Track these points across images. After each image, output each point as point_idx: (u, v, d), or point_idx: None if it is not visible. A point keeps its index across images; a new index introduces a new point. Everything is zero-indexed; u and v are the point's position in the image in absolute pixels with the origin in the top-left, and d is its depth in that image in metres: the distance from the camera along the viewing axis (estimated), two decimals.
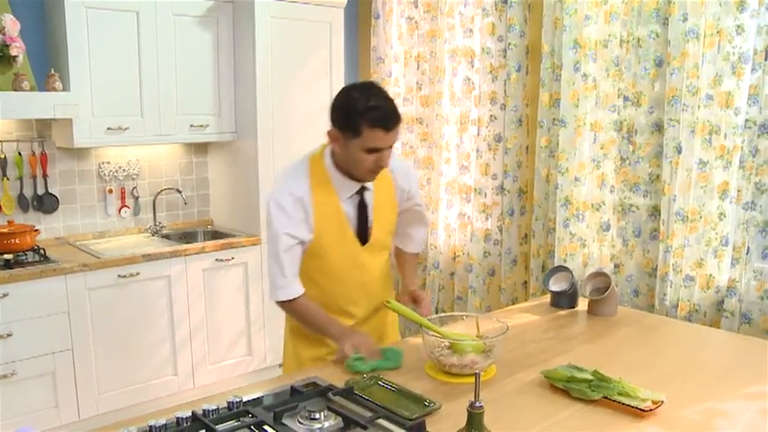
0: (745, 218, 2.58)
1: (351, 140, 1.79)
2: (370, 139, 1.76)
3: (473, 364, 1.60)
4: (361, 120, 1.75)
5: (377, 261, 2.05)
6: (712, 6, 2.63)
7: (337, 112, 1.83)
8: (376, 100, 1.77)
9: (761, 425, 1.40)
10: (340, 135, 1.82)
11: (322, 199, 1.90)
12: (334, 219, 1.92)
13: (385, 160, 1.84)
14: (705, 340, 2.06)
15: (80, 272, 3.24)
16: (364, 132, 1.76)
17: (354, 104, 1.77)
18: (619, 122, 2.99)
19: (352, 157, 1.83)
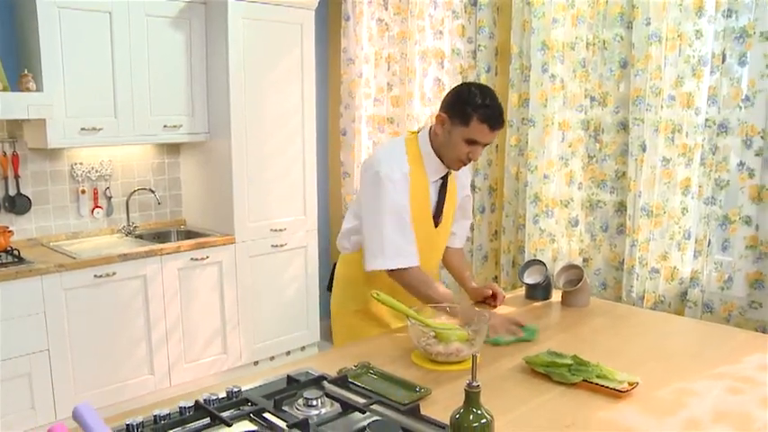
0: (707, 212, 2.72)
1: (457, 127, 1.99)
2: (475, 131, 1.96)
3: (458, 353, 1.68)
4: (474, 112, 1.95)
5: (442, 244, 2.27)
6: (673, 11, 2.76)
7: (455, 99, 2.02)
8: (491, 101, 1.97)
9: (727, 401, 1.51)
10: (448, 120, 2.01)
11: (417, 178, 2.07)
12: (422, 198, 2.09)
13: (477, 155, 2.04)
14: (672, 327, 2.18)
15: (56, 272, 3.23)
16: (472, 124, 1.96)
17: (473, 98, 1.96)
18: (586, 122, 3.12)
19: (451, 142, 2.02)
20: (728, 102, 2.65)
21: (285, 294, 4.20)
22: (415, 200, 2.07)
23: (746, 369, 1.71)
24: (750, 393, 1.56)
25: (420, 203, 2.09)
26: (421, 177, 2.08)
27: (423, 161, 2.09)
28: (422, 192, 2.09)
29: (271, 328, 4.15)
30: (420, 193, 2.08)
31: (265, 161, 3.96)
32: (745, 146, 2.64)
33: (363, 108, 4.20)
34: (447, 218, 2.22)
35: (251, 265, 3.99)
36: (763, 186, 2.62)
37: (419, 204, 2.09)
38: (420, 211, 2.10)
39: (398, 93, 4.00)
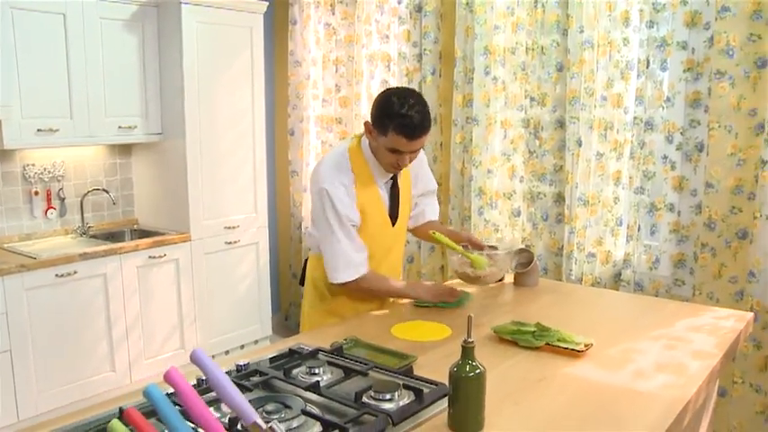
0: (636, 201, 3.05)
1: (378, 137, 2.04)
2: (394, 141, 1.99)
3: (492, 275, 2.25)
4: (391, 123, 1.97)
5: (401, 240, 2.37)
6: (603, 21, 3.07)
7: (375, 109, 2.04)
8: (408, 110, 1.96)
9: (665, 355, 1.79)
10: (373, 129, 2.05)
11: (364, 187, 2.13)
12: (375, 202, 2.17)
13: (405, 162, 2.08)
14: (611, 301, 2.47)
15: (17, 272, 3.26)
16: (390, 135, 1.99)
17: (390, 108, 1.98)
18: (526, 120, 3.40)
19: (379, 151, 2.08)
20: (653, 102, 2.99)
21: (238, 290, 4.32)
22: (368, 205, 2.14)
23: (678, 331, 2.00)
24: (682, 349, 1.84)
25: (373, 208, 2.16)
26: (369, 183, 2.14)
27: (368, 166, 2.15)
28: (373, 196, 2.15)
29: (225, 323, 4.27)
30: (371, 197, 2.15)
31: (218, 161, 4.08)
32: (668, 141, 2.98)
33: (311, 108, 4.37)
34: (403, 215, 2.30)
35: (206, 262, 4.10)
36: (683, 177, 2.97)
37: (373, 209, 2.16)
38: (375, 214, 2.17)
39: (346, 94, 4.19)
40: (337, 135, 4.27)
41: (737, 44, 2.73)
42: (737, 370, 2.83)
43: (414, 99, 2.00)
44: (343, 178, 2.10)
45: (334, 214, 2.08)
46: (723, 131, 2.80)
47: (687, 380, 1.63)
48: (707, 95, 2.85)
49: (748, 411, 2.83)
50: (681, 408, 1.49)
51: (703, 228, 2.88)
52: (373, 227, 2.17)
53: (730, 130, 2.79)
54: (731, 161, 2.80)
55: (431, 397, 1.45)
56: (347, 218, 2.09)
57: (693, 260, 2.95)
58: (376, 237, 2.20)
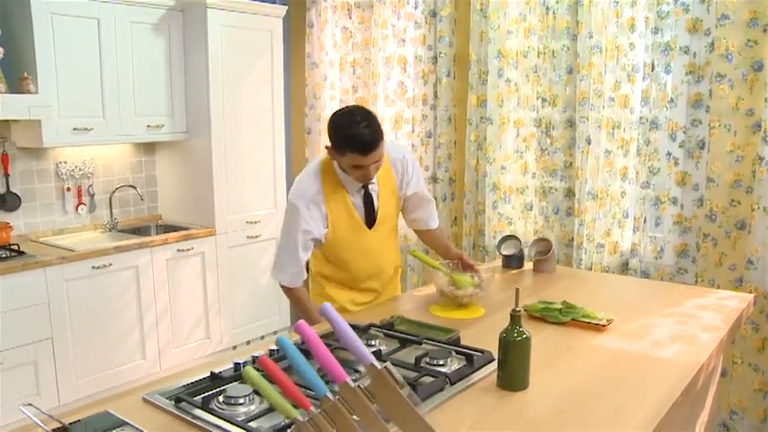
0: (642, 195, 3.27)
1: (339, 158, 2.16)
2: (352, 159, 2.10)
3: (473, 294, 2.20)
4: (345, 145, 2.08)
5: (385, 242, 2.43)
6: (611, 27, 3.29)
7: (330, 130, 2.16)
8: (357, 128, 2.05)
9: (678, 329, 2.01)
10: (332, 150, 2.17)
11: (333, 195, 2.26)
12: (344, 210, 2.29)
13: (369, 175, 2.16)
14: (624, 285, 2.70)
15: (58, 264, 3.44)
16: (347, 155, 2.10)
17: (339, 131, 2.10)
18: (538, 120, 3.62)
19: (342, 168, 2.21)
20: (657, 103, 3.21)
21: (259, 282, 4.51)
22: (339, 213, 2.27)
23: (687, 309, 2.22)
24: (693, 324, 2.06)
25: (344, 215, 2.29)
26: (338, 192, 2.27)
27: (339, 178, 2.26)
28: (343, 205, 2.28)
29: (247, 315, 4.46)
30: (341, 206, 2.28)
31: (241, 158, 4.27)
32: (671, 139, 3.20)
33: (328, 108, 4.58)
34: (386, 218, 2.39)
35: (230, 256, 4.29)
36: (685, 172, 3.19)
37: (343, 215, 2.29)
38: (346, 221, 2.30)
39: (363, 95, 4.39)
40: None
41: (736, 49, 2.95)
42: (737, 351, 3.06)
43: (360, 116, 2.10)
44: (311, 192, 2.23)
45: (288, 224, 2.25)
46: (723, 130, 3.02)
47: (699, 348, 1.85)
48: (708, 96, 3.08)
49: (747, 389, 3.05)
50: (695, 371, 1.70)
51: (705, 219, 3.10)
52: (346, 232, 2.31)
53: (729, 128, 3.01)
54: (730, 157, 3.02)
55: (480, 362, 1.66)
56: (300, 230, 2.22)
57: (696, 250, 3.17)
58: (351, 241, 2.33)
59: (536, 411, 1.48)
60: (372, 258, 2.43)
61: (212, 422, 1.38)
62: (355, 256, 2.38)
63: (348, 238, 2.33)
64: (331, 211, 2.27)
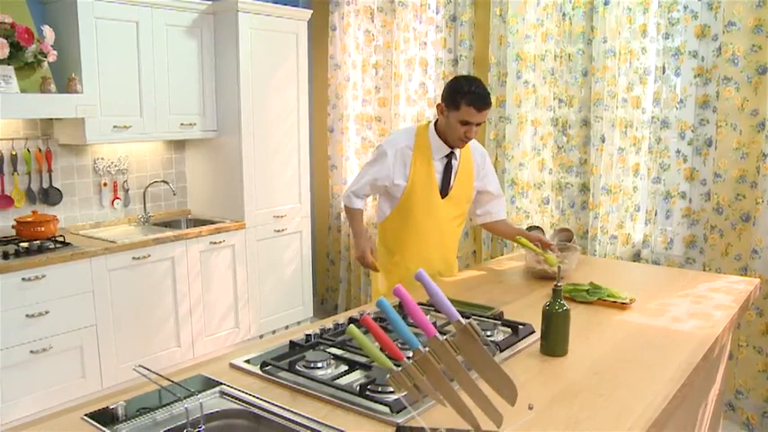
0: (653, 189, 3.49)
1: (451, 112, 2.45)
2: (465, 113, 2.41)
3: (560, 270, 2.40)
4: (462, 99, 2.40)
5: (450, 216, 2.68)
6: (624, 32, 3.51)
7: (447, 90, 2.48)
8: (476, 88, 2.42)
9: (694, 307, 2.23)
10: (445, 108, 2.48)
11: (420, 154, 2.58)
12: (425, 169, 2.58)
13: (471, 134, 2.48)
14: (641, 270, 2.92)
15: (102, 255, 3.65)
16: (462, 108, 2.41)
17: (461, 87, 2.43)
18: (554, 119, 3.84)
19: (449, 125, 2.49)
20: (667, 103, 3.43)
21: (284, 274, 4.73)
22: (420, 172, 2.58)
23: (700, 291, 2.45)
24: (706, 303, 2.28)
25: (424, 176, 2.58)
26: (425, 153, 2.58)
27: (429, 142, 2.59)
28: (426, 167, 2.58)
29: (273, 305, 4.67)
30: (424, 166, 2.58)
31: (268, 155, 4.49)
32: (681, 137, 3.43)
33: (351, 108, 4.79)
34: (459, 194, 2.66)
35: (258, 248, 4.50)
36: (694, 168, 3.41)
37: (423, 175, 2.58)
38: (425, 182, 2.58)
39: (385, 95, 4.61)
40: (377, 132, 4.69)
41: (741, 54, 3.17)
42: (742, 335, 3.28)
43: (477, 81, 2.48)
44: (402, 144, 2.60)
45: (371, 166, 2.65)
46: (729, 129, 3.25)
47: (714, 323, 2.07)
48: (715, 98, 3.30)
49: (752, 370, 3.28)
50: (711, 342, 1.92)
51: (712, 212, 3.33)
52: (422, 190, 2.59)
53: (735, 127, 3.23)
54: (736, 154, 3.25)
55: (523, 332, 1.88)
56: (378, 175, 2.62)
57: (703, 240, 3.39)
58: (424, 200, 2.60)
59: (576, 373, 1.70)
60: (438, 227, 2.68)
61: (299, 382, 1.59)
62: (424, 218, 2.64)
63: (422, 196, 2.61)
64: (414, 165, 2.58)
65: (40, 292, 3.39)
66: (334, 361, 1.70)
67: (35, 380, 3.41)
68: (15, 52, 3.27)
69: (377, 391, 1.49)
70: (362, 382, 1.52)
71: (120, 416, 1.46)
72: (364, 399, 1.47)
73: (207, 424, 1.48)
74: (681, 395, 1.62)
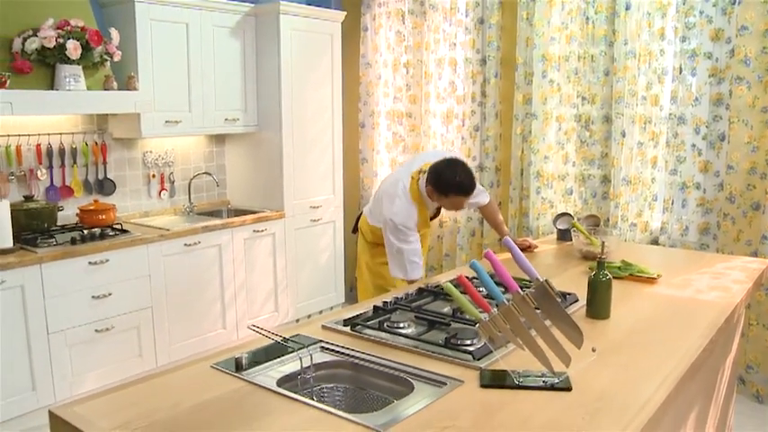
0: (670, 181, 3.78)
1: (441, 198, 2.84)
2: (455, 200, 2.83)
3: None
4: (450, 190, 2.78)
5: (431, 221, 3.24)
6: (644, 35, 3.80)
7: (435, 181, 2.79)
8: (461, 177, 2.75)
9: (713, 282, 2.52)
10: (435, 193, 2.84)
11: (420, 209, 2.97)
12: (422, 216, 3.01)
13: (463, 206, 2.90)
14: (661, 253, 3.21)
15: (158, 241, 3.94)
16: (451, 197, 2.80)
17: (447, 180, 2.76)
18: (578, 115, 4.12)
19: (441, 203, 2.93)
20: (684, 101, 3.71)
21: (319, 262, 5.02)
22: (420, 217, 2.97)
23: (717, 269, 2.74)
24: (724, 279, 2.58)
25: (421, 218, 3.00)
26: (422, 208, 2.99)
27: (425, 203, 2.98)
28: (423, 213, 3.01)
29: (308, 291, 4.97)
30: (422, 214, 3.00)
31: (305, 149, 4.78)
32: (696, 133, 3.71)
33: (382, 104, 5.08)
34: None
35: (296, 237, 4.80)
36: (708, 161, 3.70)
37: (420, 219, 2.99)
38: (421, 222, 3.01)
39: (415, 92, 4.89)
40: (407, 128, 4.97)
41: (753, 55, 3.46)
42: (753, 314, 3.57)
43: (460, 167, 2.78)
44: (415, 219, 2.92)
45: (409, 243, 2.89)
46: (741, 125, 3.53)
47: (732, 294, 2.37)
48: (728, 96, 3.58)
49: (761, 347, 3.57)
50: (731, 310, 2.22)
51: (725, 201, 3.61)
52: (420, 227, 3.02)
53: (747, 123, 3.52)
54: (747, 148, 3.53)
55: (570, 300, 2.18)
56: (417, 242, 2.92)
57: (717, 228, 3.68)
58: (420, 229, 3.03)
59: (618, 333, 1.99)
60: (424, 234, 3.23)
61: (387, 338, 1.89)
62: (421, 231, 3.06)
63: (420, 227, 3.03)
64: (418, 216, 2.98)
65: (105, 275, 3.68)
66: (415, 321, 1.99)
67: (98, 357, 3.70)
68: (85, 53, 3.55)
69: (458, 343, 1.78)
70: (445, 337, 1.81)
71: (244, 364, 1.74)
72: (449, 349, 1.76)
73: (315, 373, 1.77)
74: (708, 349, 1.91)
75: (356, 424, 1.41)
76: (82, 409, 1.51)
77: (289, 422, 1.44)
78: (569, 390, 1.55)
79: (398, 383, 1.65)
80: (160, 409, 1.49)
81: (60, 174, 4.03)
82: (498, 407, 1.48)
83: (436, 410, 1.47)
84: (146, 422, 1.44)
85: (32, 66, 3.44)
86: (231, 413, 1.48)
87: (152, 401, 1.54)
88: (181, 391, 1.59)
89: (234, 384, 1.64)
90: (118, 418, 1.45)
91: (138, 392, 1.60)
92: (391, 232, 2.89)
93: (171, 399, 1.55)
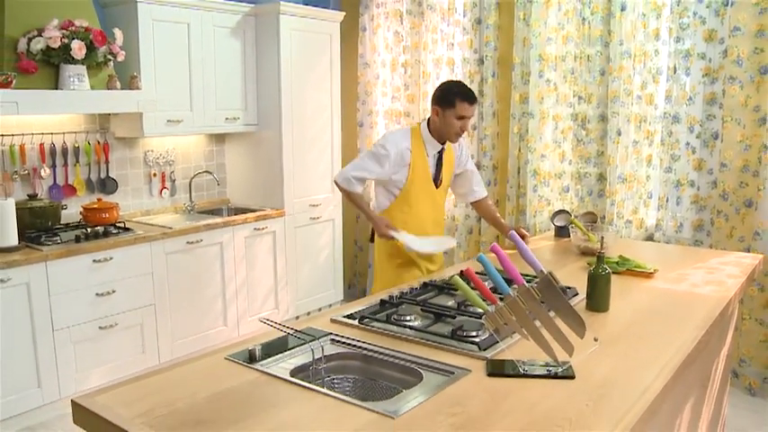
0: (665, 178, 3.86)
1: (447, 110, 2.83)
2: (460, 108, 2.81)
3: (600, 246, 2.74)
4: (455, 96, 2.81)
5: (442, 198, 3.13)
6: (639, 36, 3.87)
7: (440, 93, 2.88)
8: (464, 87, 2.86)
9: (708, 276, 2.59)
10: (439, 108, 2.86)
11: (417, 153, 2.94)
12: (422, 165, 2.95)
13: (466, 126, 2.87)
14: (656, 249, 3.28)
15: (161, 239, 3.99)
16: (457, 104, 2.80)
17: (451, 88, 2.87)
18: (574, 114, 4.19)
19: (446, 124, 2.86)
20: (678, 100, 3.79)
21: (318, 260, 5.08)
22: (417, 168, 2.92)
23: (712, 264, 2.81)
24: (719, 273, 2.65)
25: (421, 170, 2.94)
26: (420, 151, 2.94)
27: (422, 141, 2.95)
28: (422, 162, 2.94)
29: (308, 288, 5.02)
30: (420, 162, 2.93)
31: (304, 148, 4.83)
32: (690, 131, 3.79)
33: (380, 104, 5.14)
34: (446, 181, 3.08)
35: (296, 235, 4.85)
36: (701, 159, 3.78)
37: (421, 171, 2.94)
38: (421, 173, 2.94)
39: (413, 92, 4.96)
40: (406, 126, 5.03)
41: (745, 56, 3.53)
42: (745, 309, 3.65)
43: (462, 83, 2.93)
44: (403, 146, 2.92)
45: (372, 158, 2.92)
46: (734, 123, 3.61)
47: (726, 288, 2.44)
48: (721, 95, 3.66)
49: (754, 341, 3.65)
50: (726, 303, 2.29)
51: (718, 198, 3.69)
52: (421, 183, 2.96)
53: (739, 122, 3.60)
54: (740, 146, 3.61)
55: (570, 293, 2.24)
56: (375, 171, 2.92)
57: (710, 224, 3.76)
58: (423, 191, 2.98)
59: (617, 325, 2.06)
60: (434, 210, 3.09)
61: (395, 330, 1.95)
62: (426, 205, 3.03)
63: (421, 188, 2.99)
64: (413, 162, 2.93)
65: (108, 272, 3.73)
66: (421, 314, 2.05)
67: (102, 354, 3.75)
68: (89, 53, 3.59)
69: (464, 335, 1.84)
70: (452, 329, 1.87)
71: (257, 356, 1.80)
72: (455, 340, 1.82)
73: (326, 364, 1.83)
74: (704, 341, 1.98)
75: (370, 411, 1.46)
76: (103, 398, 1.56)
77: (304, 409, 1.50)
78: (573, 378, 1.61)
79: (407, 373, 1.71)
80: (179, 399, 1.55)
81: (63, 173, 4.07)
82: (505, 394, 1.54)
83: (446, 397, 1.53)
84: (166, 410, 1.49)
85: (37, 66, 3.48)
86: (249, 401, 1.53)
87: (170, 391, 1.59)
88: (198, 382, 1.65)
89: (249, 375, 1.69)
90: (139, 407, 1.51)
91: (156, 383, 1.66)
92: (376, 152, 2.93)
93: (189, 389, 1.60)
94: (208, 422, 1.44)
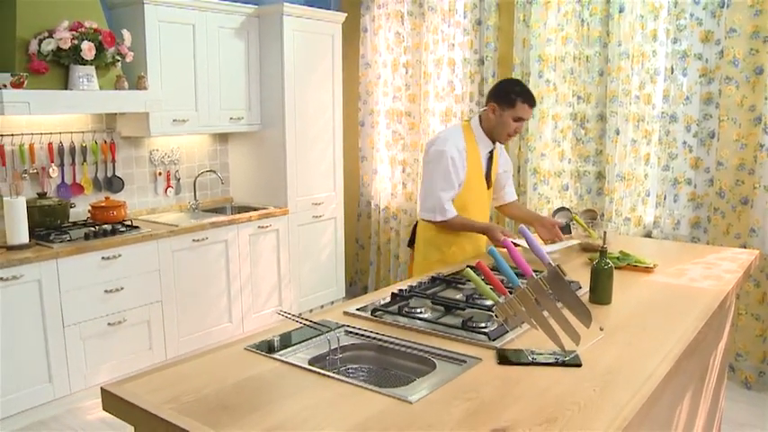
0: (662, 177, 3.94)
1: (506, 110, 2.80)
2: (520, 110, 2.79)
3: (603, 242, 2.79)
4: (517, 97, 2.78)
5: (489, 201, 3.13)
6: (637, 37, 3.95)
7: (500, 91, 2.84)
8: (525, 87, 2.83)
9: (706, 272, 2.67)
10: (498, 107, 2.82)
11: (472, 151, 2.90)
12: (477, 167, 2.92)
13: (520, 129, 2.88)
14: (655, 245, 3.36)
15: (168, 237, 4.05)
16: (517, 105, 2.78)
17: (512, 88, 2.83)
18: (573, 114, 4.27)
19: (501, 123, 2.83)
20: (675, 100, 3.87)
21: (320, 257, 5.15)
22: (472, 166, 2.88)
23: (710, 260, 2.89)
24: (716, 268, 2.73)
25: (476, 169, 2.91)
26: (474, 151, 2.90)
27: (475, 140, 2.91)
28: (476, 161, 2.91)
29: (310, 286, 5.09)
30: (475, 161, 2.90)
31: (307, 147, 4.90)
32: (687, 130, 3.87)
33: (381, 104, 5.21)
34: (492, 182, 3.07)
35: (298, 233, 4.92)
36: (699, 158, 3.86)
37: (475, 169, 2.90)
38: (476, 173, 2.90)
39: (414, 92, 5.03)
40: (406, 126, 5.10)
41: (741, 56, 3.62)
42: (742, 304, 3.74)
43: (523, 83, 2.91)
44: (461, 146, 2.87)
45: (444, 171, 2.82)
46: (730, 123, 3.70)
47: (724, 282, 2.52)
48: (717, 95, 3.74)
49: (750, 336, 3.74)
50: (724, 296, 2.36)
51: (715, 196, 3.78)
52: (475, 182, 2.93)
53: (735, 121, 3.68)
54: (736, 145, 3.70)
55: (574, 287, 2.32)
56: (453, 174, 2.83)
57: (707, 221, 3.85)
58: (477, 192, 2.96)
59: (620, 317, 2.14)
60: (484, 212, 3.07)
61: (406, 322, 2.02)
62: (478, 207, 3.00)
63: (475, 189, 2.95)
64: (469, 162, 2.89)
65: (117, 269, 3.79)
66: (432, 307, 2.12)
67: (111, 350, 3.82)
68: (98, 54, 3.66)
69: (474, 326, 1.92)
70: (462, 320, 1.95)
71: (275, 346, 1.87)
72: (466, 330, 1.89)
73: (342, 354, 1.90)
74: (703, 332, 2.06)
75: (388, 396, 1.54)
76: (131, 386, 1.63)
77: (324, 395, 1.57)
78: (579, 366, 1.69)
79: (421, 363, 1.78)
80: (205, 386, 1.61)
81: (71, 171, 4.13)
82: (516, 380, 1.62)
83: (460, 384, 1.60)
84: (193, 397, 1.56)
85: (48, 66, 3.54)
86: (271, 388, 1.61)
87: (195, 380, 1.66)
88: (221, 370, 1.72)
89: (269, 364, 1.76)
90: (167, 394, 1.58)
91: (180, 372, 1.72)
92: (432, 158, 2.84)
93: (213, 377, 1.67)
94: (233, 408, 1.51)
